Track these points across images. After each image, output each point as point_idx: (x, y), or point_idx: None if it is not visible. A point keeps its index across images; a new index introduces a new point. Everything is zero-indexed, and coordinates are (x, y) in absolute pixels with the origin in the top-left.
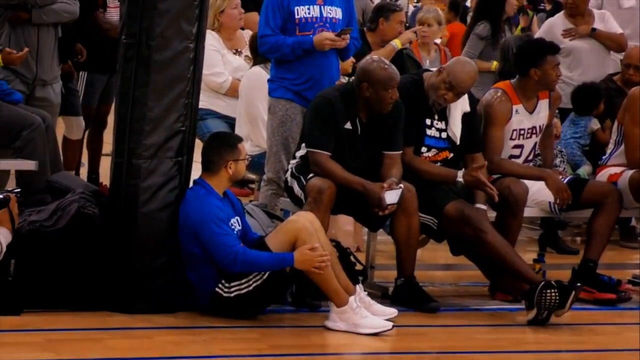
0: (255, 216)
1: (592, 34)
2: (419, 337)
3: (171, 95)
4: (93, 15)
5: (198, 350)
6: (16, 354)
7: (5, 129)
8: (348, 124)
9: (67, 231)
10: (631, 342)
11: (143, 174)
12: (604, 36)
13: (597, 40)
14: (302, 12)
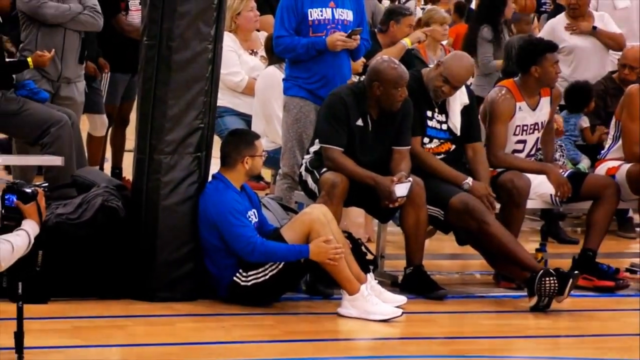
0: (271, 209)
1: (594, 32)
2: (427, 323)
3: (190, 93)
4: (116, 18)
5: (217, 336)
6: (44, 341)
7: (33, 126)
8: (359, 120)
9: (92, 223)
10: (629, 328)
11: (164, 169)
12: (604, 35)
13: (598, 38)
14: (315, 14)
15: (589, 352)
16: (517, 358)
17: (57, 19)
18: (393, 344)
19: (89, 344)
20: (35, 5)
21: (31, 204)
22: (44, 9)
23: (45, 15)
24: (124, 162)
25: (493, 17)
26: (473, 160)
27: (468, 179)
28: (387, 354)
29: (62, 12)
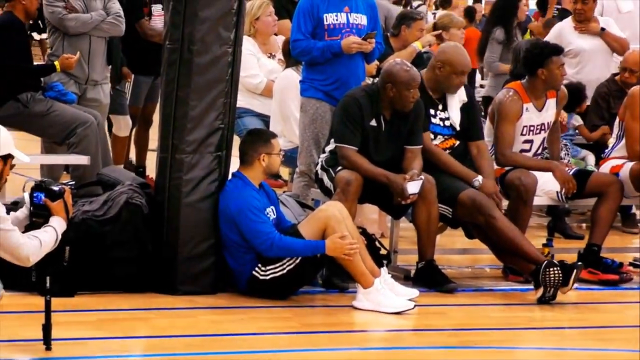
0: (289, 205)
1: (602, 33)
2: (438, 316)
3: (211, 95)
4: (139, 23)
5: (236, 328)
6: (71, 333)
7: (60, 126)
8: (373, 121)
9: (117, 220)
10: (632, 320)
11: (186, 168)
12: (611, 37)
13: (605, 40)
14: (330, 18)
15: (593, 343)
16: (525, 349)
17: (79, 29)
18: (406, 335)
19: (113, 336)
20: (57, 17)
21: (58, 201)
22: (65, 22)
23: (67, 28)
24: (148, 161)
25: (506, 20)
26: (477, 157)
27: (478, 177)
28: (400, 345)
29: (82, 23)
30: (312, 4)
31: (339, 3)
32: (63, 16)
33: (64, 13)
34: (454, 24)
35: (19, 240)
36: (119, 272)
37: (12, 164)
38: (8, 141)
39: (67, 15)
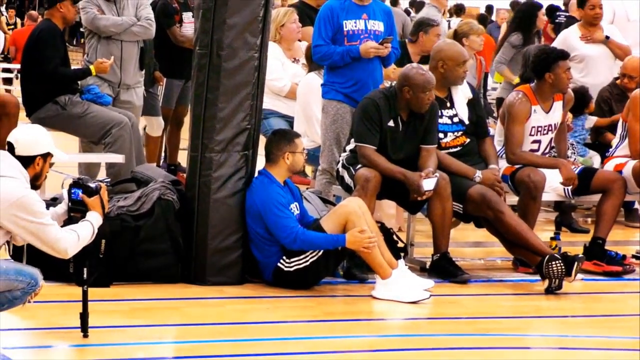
0: (312, 201)
1: (606, 41)
2: (452, 305)
3: (238, 97)
4: (171, 30)
5: (263, 317)
6: (106, 321)
7: (96, 127)
8: (391, 121)
9: (150, 215)
10: (634, 309)
11: (215, 166)
12: (615, 45)
13: (609, 47)
14: (349, 25)
15: (597, 330)
16: (533, 336)
17: (109, 29)
18: (421, 323)
19: (146, 324)
20: (90, 18)
21: (95, 197)
22: (97, 21)
23: (99, 27)
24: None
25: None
26: (485, 151)
27: (478, 172)
28: (416, 332)
29: (113, 23)
30: (332, 11)
31: (358, 10)
32: (95, 16)
33: (95, 14)
34: (474, 31)
35: (57, 234)
36: (152, 264)
37: (52, 162)
38: (47, 141)
39: (99, 15)
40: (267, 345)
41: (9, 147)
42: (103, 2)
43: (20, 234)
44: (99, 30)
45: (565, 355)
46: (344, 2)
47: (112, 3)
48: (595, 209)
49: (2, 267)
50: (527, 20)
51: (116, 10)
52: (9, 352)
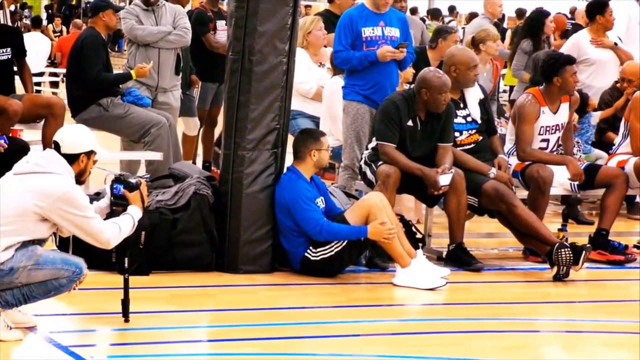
0: (337, 195)
1: (614, 47)
2: (467, 291)
3: (268, 99)
4: (206, 37)
5: (291, 302)
6: (146, 307)
7: (137, 127)
8: (410, 121)
9: (186, 208)
10: (635, 295)
11: (246, 163)
12: (621, 51)
13: (616, 53)
14: (367, 32)
15: (601, 315)
16: (542, 320)
17: (146, 38)
18: (438, 309)
19: (183, 309)
20: (129, 28)
21: (135, 192)
22: (135, 31)
23: (136, 37)
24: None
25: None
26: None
27: (492, 169)
28: (433, 317)
29: (149, 33)
30: (351, 19)
31: (375, 18)
32: (133, 26)
33: (133, 24)
34: (490, 37)
35: (100, 226)
36: (188, 254)
37: (95, 160)
38: (91, 139)
39: (137, 26)
40: (295, 329)
41: (55, 145)
42: (141, 11)
43: (66, 226)
44: (136, 39)
45: (572, 338)
46: (363, 11)
47: (151, 12)
48: (600, 203)
49: (49, 257)
50: (536, 27)
51: (154, 19)
52: (56, 336)
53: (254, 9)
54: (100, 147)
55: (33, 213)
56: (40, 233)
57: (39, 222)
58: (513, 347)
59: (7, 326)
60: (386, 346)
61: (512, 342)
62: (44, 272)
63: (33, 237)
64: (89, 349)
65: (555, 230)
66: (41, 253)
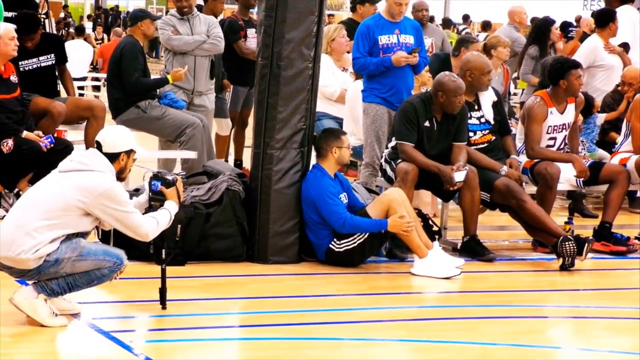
0: (359, 191)
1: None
2: (480, 280)
3: (295, 102)
4: (237, 44)
5: (317, 290)
6: (182, 294)
7: (173, 127)
8: (427, 122)
9: (219, 203)
10: (636, 283)
11: (275, 161)
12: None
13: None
14: (383, 39)
15: (604, 302)
16: (549, 306)
17: (182, 47)
18: (454, 296)
19: (216, 297)
20: (165, 38)
21: (172, 188)
22: (171, 41)
23: (172, 46)
24: (244, 156)
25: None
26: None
27: (503, 167)
28: (449, 304)
29: (185, 43)
30: (369, 28)
31: (391, 27)
32: (169, 37)
33: (170, 35)
34: (501, 43)
35: (139, 220)
36: (221, 246)
37: (134, 158)
38: (131, 139)
39: (173, 36)
40: (320, 315)
41: (97, 145)
42: (177, 21)
43: (108, 220)
44: (172, 48)
45: (578, 324)
46: (379, 20)
47: (185, 21)
48: (604, 197)
49: (92, 249)
50: (542, 34)
51: (189, 27)
52: (98, 322)
53: (282, 17)
54: (139, 146)
55: (77, 208)
56: (83, 227)
57: (82, 216)
58: (523, 332)
59: (52, 313)
60: (405, 331)
61: (522, 327)
62: (87, 263)
63: (77, 230)
64: (128, 334)
65: (562, 223)
66: (84, 245)
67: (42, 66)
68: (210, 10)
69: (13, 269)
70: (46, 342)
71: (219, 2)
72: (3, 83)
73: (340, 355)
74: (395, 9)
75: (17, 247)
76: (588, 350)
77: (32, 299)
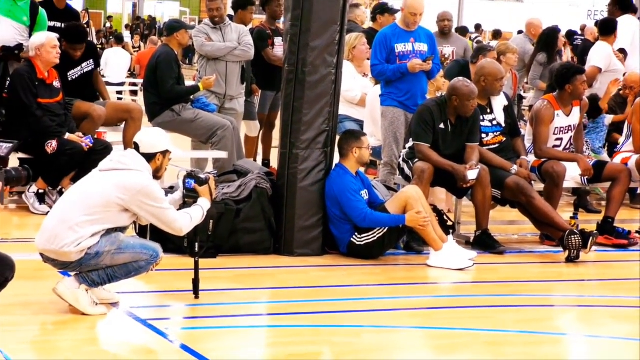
0: (378, 188)
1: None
2: (491, 271)
3: (319, 105)
4: (265, 51)
5: (339, 281)
6: (213, 285)
7: (205, 129)
8: (442, 124)
9: (248, 200)
10: (637, 274)
11: (300, 160)
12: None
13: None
14: (400, 47)
15: (608, 292)
16: (556, 296)
17: (215, 53)
18: (467, 286)
19: (246, 287)
20: (199, 45)
21: (205, 186)
22: (205, 48)
23: (206, 53)
24: (271, 156)
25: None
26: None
27: (514, 166)
28: (462, 293)
29: (217, 49)
30: (386, 37)
31: (406, 35)
32: (203, 44)
33: (203, 41)
34: (510, 50)
35: (174, 215)
36: (250, 239)
37: (170, 158)
38: (166, 140)
39: (206, 42)
40: (342, 304)
41: (135, 146)
42: (210, 29)
43: (144, 216)
44: (206, 54)
45: (583, 312)
46: (395, 29)
47: (218, 29)
48: (606, 194)
49: (130, 243)
50: (550, 42)
51: (221, 35)
52: (135, 311)
53: (307, 27)
54: (174, 147)
55: (116, 205)
56: (122, 222)
57: (121, 212)
58: (531, 320)
59: (93, 302)
60: (422, 318)
61: (530, 315)
62: (126, 255)
63: (116, 225)
64: (164, 322)
65: (568, 218)
66: (123, 239)
67: (84, 72)
68: (240, 20)
69: (56, 261)
70: (87, 330)
71: (248, 13)
72: (47, 88)
73: (361, 341)
74: (411, 19)
75: (60, 240)
76: (592, 337)
77: (74, 289)
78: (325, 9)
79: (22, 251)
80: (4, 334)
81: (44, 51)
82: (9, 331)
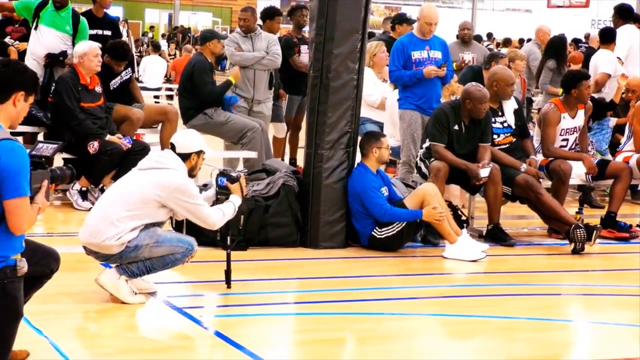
0: (397, 185)
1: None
2: (502, 263)
3: (342, 108)
4: (292, 58)
5: (361, 272)
6: (245, 275)
7: (236, 131)
8: (456, 126)
9: (276, 197)
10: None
11: (325, 160)
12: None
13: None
14: (416, 54)
15: (611, 281)
16: (563, 285)
17: (242, 62)
18: (480, 276)
19: (274, 278)
20: (229, 53)
21: (236, 184)
22: (234, 57)
23: (235, 62)
24: (298, 155)
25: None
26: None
27: (523, 165)
28: (475, 283)
29: (245, 59)
30: (403, 45)
31: (422, 43)
32: (233, 53)
33: (233, 51)
34: (518, 57)
35: (207, 211)
36: (278, 233)
37: (204, 158)
38: (201, 141)
39: (235, 52)
40: (364, 293)
41: (171, 146)
42: (241, 38)
43: (180, 212)
44: (235, 63)
45: (587, 300)
46: (412, 38)
47: (248, 38)
48: (609, 190)
49: (167, 236)
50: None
51: (251, 44)
52: (172, 300)
53: (330, 35)
54: (207, 147)
55: (154, 201)
56: (159, 217)
57: (158, 208)
58: (540, 307)
59: (132, 292)
60: (438, 307)
61: (539, 303)
62: (163, 248)
63: (154, 220)
64: (199, 310)
65: (574, 213)
66: (160, 233)
67: (123, 80)
68: (268, 29)
69: (98, 253)
70: (127, 317)
71: (276, 22)
72: (89, 93)
73: (382, 327)
74: (426, 28)
75: (102, 234)
76: (596, 323)
77: (115, 279)
78: (348, 19)
79: (66, 245)
80: (49, 321)
81: (86, 59)
82: (54, 319)
